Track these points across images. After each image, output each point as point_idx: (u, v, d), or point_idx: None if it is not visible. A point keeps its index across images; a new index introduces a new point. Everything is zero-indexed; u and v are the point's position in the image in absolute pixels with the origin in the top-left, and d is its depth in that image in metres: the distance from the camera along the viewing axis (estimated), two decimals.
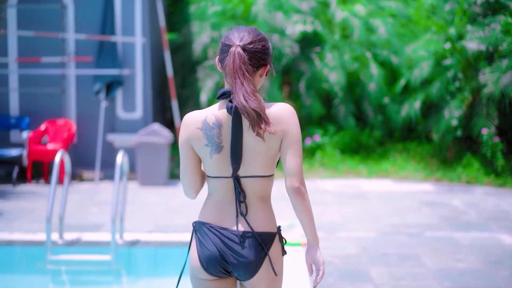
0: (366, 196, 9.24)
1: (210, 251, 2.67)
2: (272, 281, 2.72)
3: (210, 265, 2.69)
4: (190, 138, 2.68)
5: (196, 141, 2.67)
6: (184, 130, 2.70)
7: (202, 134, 2.65)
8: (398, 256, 6.25)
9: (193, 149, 2.70)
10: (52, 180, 6.25)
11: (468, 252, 6.40)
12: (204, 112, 2.69)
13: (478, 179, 10.13)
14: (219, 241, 2.67)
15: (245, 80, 2.59)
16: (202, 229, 2.72)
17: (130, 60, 10.38)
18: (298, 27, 11.74)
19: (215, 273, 2.71)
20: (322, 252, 6.30)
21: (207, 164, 2.69)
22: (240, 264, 2.66)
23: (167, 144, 9.82)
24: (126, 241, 6.58)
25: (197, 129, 2.66)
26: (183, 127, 2.71)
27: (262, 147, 2.63)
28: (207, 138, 2.65)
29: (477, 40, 10.29)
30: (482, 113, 10.23)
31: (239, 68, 2.59)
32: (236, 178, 2.65)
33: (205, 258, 2.69)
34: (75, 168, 10.35)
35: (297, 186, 2.61)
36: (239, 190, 2.65)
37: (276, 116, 2.64)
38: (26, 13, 10.32)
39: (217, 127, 2.64)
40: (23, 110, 10.41)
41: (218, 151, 2.65)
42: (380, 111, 11.97)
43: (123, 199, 6.65)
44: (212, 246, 2.67)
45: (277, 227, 2.74)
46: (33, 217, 7.72)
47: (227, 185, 2.68)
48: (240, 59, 2.59)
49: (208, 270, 2.70)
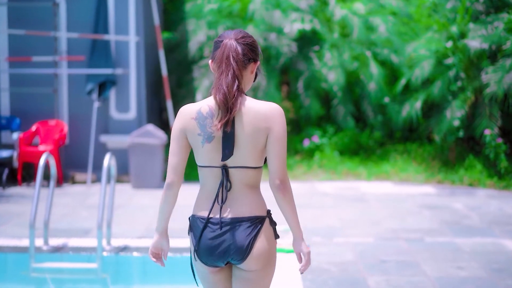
0: (365, 199, 8.99)
1: (203, 242, 2.80)
2: (266, 264, 2.84)
3: (205, 256, 2.81)
4: (185, 127, 2.79)
5: (190, 130, 2.79)
6: (180, 120, 2.81)
7: (196, 124, 2.77)
8: (397, 264, 5.99)
9: (187, 138, 2.81)
10: (36, 183, 6.01)
11: (470, 259, 6.14)
12: (200, 103, 2.81)
13: (480, 181, 9.87)
14: (208, 230, 2.80)
15: (230, 69, 2.73)
16: (196, 222, 2.85)
17: (123, 59, 10.15)
18: (296, 26, 11.53)
19: (212, 263, 2.83)
20: (318, 259, 6.07)
21: (198, 153, 2.81)
22: (231, 249, 2.77)
23: (161, 146, 9.58)
24: (114, 247, 6.33)
25: (191, 119, 2.78)
26: (179, 117, 2.82)
27: (249, 139, 2.75)
28: (200, 128, 2.77)
29: (480, 38, 10.06)
30: (484, 113, 9.99)
31: (227, 57, 2.74)
32: (225, 168, 2.77)
33: (200, 250, 2.81)
34: (67, 170, 10.13)
35: (277, 183, 2.75)
36: (226, 179, 2.77)
37: (264, 113, 2.76)
38: (17, 11, 10.10)
39: (210, 117, 2.76)
40: (14, 111, 10.19)
41: (209, 140, 2.76)
42: (380, 112, 11.72)
43: (111, 203, 6.41)
44: (204, 237, 2.80)
45: (266, 211, 2.86)
46: (21, 221, 7.47)
47: (217, 175, 2.79)
48: (232, 49, 2.74)
49: (204, 261, 2.83)
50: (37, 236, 6.47)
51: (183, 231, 7.05)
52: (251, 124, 2.75)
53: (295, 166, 10.95)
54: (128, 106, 10.20)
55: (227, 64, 2.75)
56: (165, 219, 2.94)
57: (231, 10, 11.89)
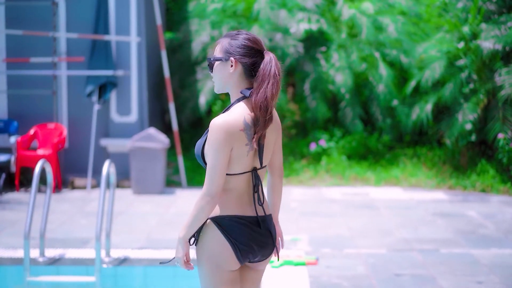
0: (374, 206, 8.66)
1: (244, 240, 2.89)
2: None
3: (244, 254, 2.90)
4: (234, 139, 2.83)
5: (239, 141, 2.85)
6: (227, 133, 2.82)
7: (244, 135, 2.85)
8: (412, 278, 5.66)
9: (231, 151, 2.86)
10: (32, 192, 5.70)
11: (489, 272, 5.81)
12: (238, 114, 2.86)
13: (493, 187, 9.54)
14: (247, 229, 2.90)
15: (277, 84, 2.90)
16: (228, 222, 2.89)
17: (124, 60, 9.84)
18: (303, 26, 11.23)
19: (245, 261, 2.93)
20: (328, 272, 5.76)
21: (240, 162, 2.88)
22: (266, 246, 2.96)
23: (164, 150, 9.27)
24: (113, 258, 6.02)
25: (240, 130, 2.83)
26: (222, 131, 2.82)
27: (271, 143, 2.98)
28: (247, 138, 2.86)
29: (493, 39, 9.74)
30: (498, 116, 9.67)
31: (275, 74, 2.90)
32: (255, 171, 2.93)
33: (240, 248, 2.88)
34: (66, 174, 9.83)
35: (282, 172, 3.13)
36: (260, 181, 2.94)
37: (276, 119, 3.02)
38: (15, 10, 9.80)
39: (252, 126, 2.87)
40: (11, 113, 9.88)
41: (252, 148, 2.88)
42: (389, 114, 11.37)
43: (110, 213, 6.09)
44: (244, 235, 2.89)
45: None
46: (16, 230, 7.15)
47: (248, 179, 2.92)
48: (278, 67, 2.92)
49: (241, 259, 2.90)
50: (33, 246, 6.18)
51: None
52: (274, 129, 2.99)
53: (301, 171, 10.63)
54: (129, 109, 9.89)
55: (275, 80, 2.89)
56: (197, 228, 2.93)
57: (235, 10, 11.62)
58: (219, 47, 2.97)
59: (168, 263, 3.19)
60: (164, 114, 11.95)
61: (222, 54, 2.94)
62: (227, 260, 2.89)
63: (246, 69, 2.92)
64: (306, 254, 6.31)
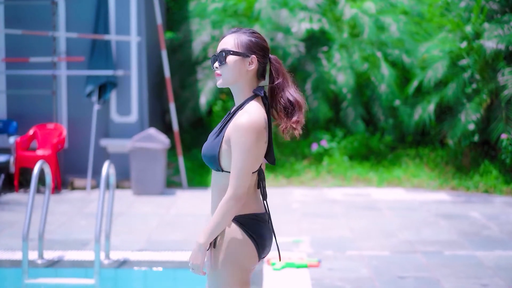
0: (377, 207, 8.58)
1: (264, 236, 2.89)
2: None
3: (262, 250, 2.89)
4: (262, 139, 2.84)
5: (263, 140, 2.86)
6: (256, 134, 2.81)
7: (266, 133, 2.86)
8: (416, 280, 5.58)
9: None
10: (30, 193, 5.62)
11: (494, 274, 5.74)
12: (260, 113, 2.84)
13: (496, 188, 9.46)
14: (265, 226, 2.90)
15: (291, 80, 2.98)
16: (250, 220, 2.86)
17: (124, 60, 9.77)
18: (304, 25, 11.15)
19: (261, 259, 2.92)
20: (331, 275, 5.69)
21: (260, 159, 2.89)
22: (271, 244, 2.95)
23: (164, 150, 9.19)
24: (113, 261, 5.95)
25: (264, 129, 2.84)
26: (254, 132, 2.80)
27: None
28: (267, 136, 2.89)
29: (496, 38, 9.66)
30: (501, 116, 9.59)
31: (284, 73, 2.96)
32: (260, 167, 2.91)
33: (261, 244, 2.87)
34: (66, 175, 9.76)
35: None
36: (263, 176, 2.93)
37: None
38: (14, 10, 9.73)
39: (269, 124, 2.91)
40: (10, 114, 9.81)
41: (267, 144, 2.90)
42: (392, 115, 11.30)
43: (110, 214, 6.02)
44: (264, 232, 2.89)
45: None
46: (15, 231, 7.07)
47: (255, 175, 2.90)
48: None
49: (261, 256, 2.90)
50: (32, 248, 6.10)
51: (185, 243, 6.71)
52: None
53: (302, 172, 10.55)
54: (129, 109, 9.82)
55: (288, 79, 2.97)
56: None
57: (236, 9, 11.54)
58: (235, 41, 2.88)
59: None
60: (164, 114, 11.88)
61: (243, 50, 2.86)
62: (250, 258, 2.85)
63: (260, 69, 2.91)
64: (308, 256, 6.24)
